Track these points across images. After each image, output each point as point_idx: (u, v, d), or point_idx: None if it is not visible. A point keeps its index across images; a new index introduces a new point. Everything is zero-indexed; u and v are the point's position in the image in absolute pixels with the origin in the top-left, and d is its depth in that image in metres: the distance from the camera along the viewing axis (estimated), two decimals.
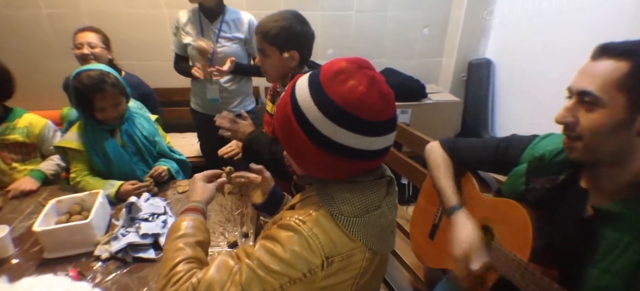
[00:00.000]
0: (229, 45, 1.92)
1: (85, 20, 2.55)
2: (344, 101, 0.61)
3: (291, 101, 0.67)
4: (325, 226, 0.66)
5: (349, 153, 0.64)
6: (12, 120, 1.54)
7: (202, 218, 0.83)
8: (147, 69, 2.70)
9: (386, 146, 0.68)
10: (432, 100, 2.69)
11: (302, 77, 0.69)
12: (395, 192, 0.78)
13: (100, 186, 1.42)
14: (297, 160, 0.72)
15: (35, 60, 2.68)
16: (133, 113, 1.56)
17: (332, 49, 2.89)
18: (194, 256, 0.72)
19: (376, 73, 0.65)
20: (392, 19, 2.86)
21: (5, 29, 2.57)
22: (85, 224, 1.13)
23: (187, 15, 1.92)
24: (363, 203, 0.68)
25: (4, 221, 1.27)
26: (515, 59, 2.57)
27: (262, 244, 0.67)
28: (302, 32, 1.26)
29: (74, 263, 1.09)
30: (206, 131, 2.18)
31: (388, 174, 0.77)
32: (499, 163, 1.03)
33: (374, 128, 0.64)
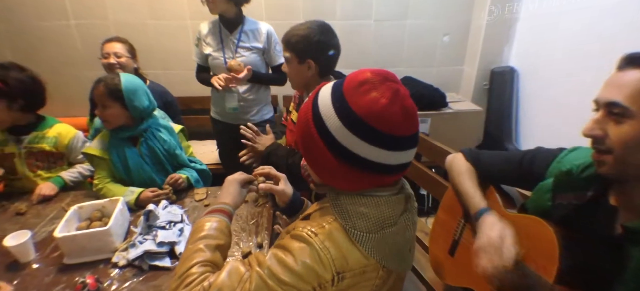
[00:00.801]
0: (247, 54, 1.94)
1: (112, 30, 2.66)
2: (365, 112, 0.60)
3: (312, 108, 0.66)
4: (337, 240, 0.64)
5: (367, 166, 0.63)
6: (43, 129, 1.59)
7: (227, 221, 0.82)
8: (170, 78, 2.78)
9: (406, 162, 0.66)
10: (453, 109, 2.63)
11: (326, 85, 0.68)
12: (414, 209, 0.75)
13: (121, 193, 1.46)
14: (314, 168, 0.71)
15: (64, 69, 2.80)
16: (157, 126, 1.58)
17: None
18: (211, 260, 0.72)
19: (401, 86, 0.63)
20: (411, 27, 2.82)
21: (36, 39, 2.70)
22: (104, 231, 1.15)
23: (208, 26, 1.97)
24: (378, 218, 0.66)
25: (27, 225, 1.32)
26: (540, 66, 2.47)
27: (273, 253, 0.66)
28: (320, 42, 1.26)
29: (92, 270, 1.11)
30: (225, 139, 2.22)
31: (407, 190, 0.74)
32: (523, 177, 0.98)
33: (394, 142, 0.62)
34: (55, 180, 1.59)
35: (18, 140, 1.54)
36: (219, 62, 1.95)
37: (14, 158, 1.53)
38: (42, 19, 2.65)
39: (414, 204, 0.75)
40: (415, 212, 0.75)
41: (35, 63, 2.73)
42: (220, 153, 2.37)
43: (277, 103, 2.94)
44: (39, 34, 2.69)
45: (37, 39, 2.70)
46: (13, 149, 1.53)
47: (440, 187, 1.67)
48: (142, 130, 1.53)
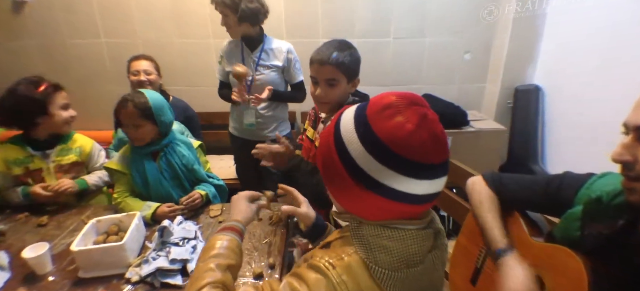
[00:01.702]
0: (266, 73, 1.97)
1: (140, 48, 2.77)
2: (389, 138, 0.56)
3: (335, 131, 0.63)
4: (356, 275, 0.60)
5: (391, 194, 0.58)
6: (66, 142, 1.66)
7: (239, 239, 0.83)
8: (193, 94, 2.86)
9: (434, 192, 0.61)
10: (475, 128, 2.55)
11: (349, 108, 0.65)
12: (444, 246, 0.69)
13: (139, 207, 1.48)
14: (336, 195, 0.67)
15: (92, 84, 2.93)
16: (176, 140, 1.61)
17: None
18: (222, 281, 0.71)
19: (429, 111, 0.59)
20: (431, 44, 2.79)
21: (70, 56, 2.86)
22: (119, 246, 1.16)
23: (230, 44, 2.04)
24: (403, 254, 0.61)
25: (47, 237, 1.36)
26: (566, 84, 2.38)
27: (288, 282, 0.63)
28: (360, 58, 1.31)
29: (105, 285, 1.12)
30: (242, 154, 2.23)
31: (436, 224, 0.68)
32: (550, 204, 0.92)
33: (421, 170, 0.57)
34: (78, 182, 1.64)
35: (45, 156, 1.59)
36: None
37: (42, 173, 1.58)
38: (75, 37, 2.80)
39: (444, 241, 0.69)
40: (445, 250, 0.70)
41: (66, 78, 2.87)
42: (237, 168, 2.39)
43: (295, 120, 2.95)
44: (71, 51, 2.84)
45: (70, 56, 2.86)
46: (41, 164, 1.58)
47: (460, 208, 1.60)
48: (164, 145, 1.56)
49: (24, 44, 2.82)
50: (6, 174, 1.55)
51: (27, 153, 1.56)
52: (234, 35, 1.93)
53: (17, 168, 1.55)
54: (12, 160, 1.54)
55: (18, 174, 1.55)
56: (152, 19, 2.73)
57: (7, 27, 2.77)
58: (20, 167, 1.55)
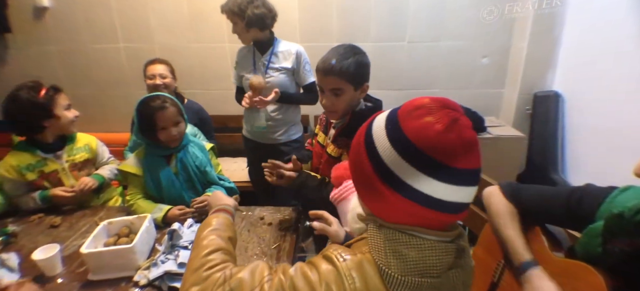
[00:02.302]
0: (276, 75, 1.98)
1: (157, 53, 2.82)
2: (416, 136, 0.56)
3: (366, 130, 0.64)
4: (366, 274, 0.59)
5: (413, 195, 0.57)
6: (73, 142, 1.69)
7: (230, 218, 0.88)
8: (208, 97, 2.89)
9: (461, 201, 0.58)
10: (492, 135, 2.47)
11: (384, 111, 0.66)
12: (469, 268, 0.65)
13: (150, 209, 1.49)
14: (361, 194, 0.67)
15: (111, 88, 3.00)
16: (189, 141, 1.64)
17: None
18: (227, 249, 0.75)
19: (463, 117, 0.58)
20: (447, 48, 2.74)
21: (90, 60, 2.94)
22: (128, 248, 1.16)
23: (244, 49, 2.06)
24: (419, 263, 0.58)
25: (59, 238, 1.38)
26: (587, 92, 2.28)
27: (300, 266, 0.64)
28: (368, 63, 1.27)
29: (114, 287, 1.12)
30: (255, 157, 2.24)
31: (462, 243, 0.64)
32: (571, 218, 0.87)
33: (445, 172, 0.55)
34: (96, 177, 1.68)
35: (57, 157, 1.63)
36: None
37: (58, 174, 1.62)
38: (95, 42, 2.88)
39: (469, 262, 0.66)
40: (470, 272, 0.66)
41: (86, 82, 2.98)
42: (249, 171, 2.39)
43: (309, 123, 2.94)
44: (91, 55, 2.92)
45: (90, 61, 2.94)
46: (56, 166, 1.61)
47: (477, 218, 1.55)
48: (180, 148, 1.58)
49: (45, 50, 2.91)
50: (19, 181, 1.55)
51: (38, 157, 1.58)
52: (244, 41, 1.96)
53: (31, 173, 1.56)
54: (25, 166, 1.55)
55: (33, 179, 1.57)
56: (169, 24, 2.78)
57: (28, 33, 2.87)
58: (33, 172, 1.56)
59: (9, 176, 1.53)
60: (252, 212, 1.57)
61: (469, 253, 0.66)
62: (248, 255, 1.28)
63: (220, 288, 0.63)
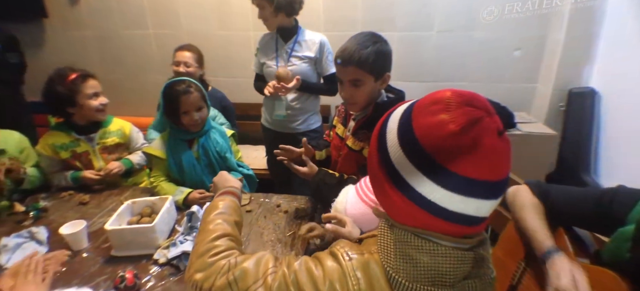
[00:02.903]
0: (298, 64, 1.97)
1: (185, 40, 2.85)
2: (422, 134, 0.50)
3: (382, 123, 0.60)
4: (372, 275, 0.56)
5: (417, 199, 0.51)
6: (107, 126, 1.77)
7: (237, 201, 0.87)
8: (231, 85, 2.93)
9: (473, 214, 0.51)
10: (522, 131, 2.36)
11: (410, 101, 0.59)
12: (488, 279, 0.59)
13: (172, 191, 1.54)
14: (374, 189, 0.63)
15: (141, 73, 3.11)
16: (211, 127, 1.68)
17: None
18: (233, 234, 0.74)
19: (489, 117, 0.49)
20: (478, 39, 2.62)
21: (121, 46, 3.05)
22: (149, 227, 1.21)
23: (266, 36, 2.06)
24: (430, 270, 0.53)
25: (87, 215, 1.45)
26: (626, 90, 2.11)
27: (305, 261, 0.62)
28: (390, 52, 1.22)
29: (134, 264, 1.17)
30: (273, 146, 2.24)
31: (482, 251, 0.58)
32: (600, 220, 0.82)
33: (453, 181, 0.49)
34: (124, 161, 1.75)
35: (89, 139, 1.71)
36: (271, 70, 2.00)
37: (89, 155, 1.70)
38: (126, 28, 2.98)
39: (489, 272, 0.59)
40: (488, 283, 0.59)
41: (118, 67, 3.09)
42: (268, 159, 2.42)
43: (330, 113, 2.92)
44: (123, 41, 3.03)
45: (121, 46, 3.05)
46: (87, 147, 1.70)
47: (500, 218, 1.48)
48: (203, 132, 1.62)
49: (79, 35, 3.05)
50: (53, 159, 1.66)
51: (72, 137, 1.68)
52: (270, 27, 1.95)
53: (64, 152, 1.66)
54: (59, 145, 1.65)
55: (66, 158, 1.67)
56: (196, 11, 2.83)
57: (64, 18, 3.01)
58: (67, 151, 1.66)
59: (45, 153, 1.65)
60: (269, 199, 1.58)
61: (489, 263, 0.59)
62: (264, 241, 1.30)
63: (224, 276, 0.62)
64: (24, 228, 1.33)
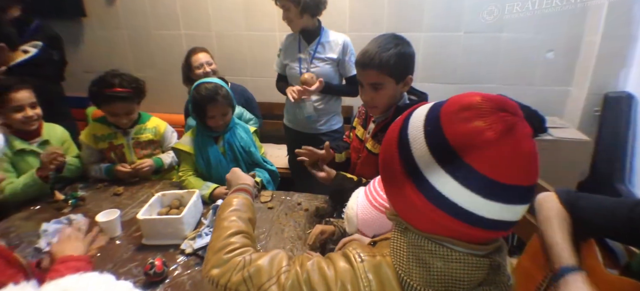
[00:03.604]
0: (321, 65, 1.98)
1: (213, 40, 2.98)
2: (460, 143, 0.49)
3: (401, 127, 0.58)
4: (384, 277, 0.56)
5: (450, 209, 0.50)
6: (144, 122, 1.87)
7: (250, 198, 0.88)
8: (257, 84, 3.00)
9: (507, 220, 0.51)
10: (553, 137, 2.27)
11: (425, 105, 0.59)
12: (504, 286, 0.57)
13: (199, 186, 1.61)
14: (389, 193, 0.62)
15: (171, 73, 3.20)
16: (235, 124, 1.74)
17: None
18: (247, 232, 0.75)
19: (522, 123, 0.49)
20: (509, 40, 2.54)
21: (153, 45, 3.17)
22: (177, 218, 1.27)
23: (289, 37, 2.08)
24: (444, 275, 0.53)
25: (120, 205, 1.53)
26: None
27: (317, 261, 0.63)
28: (412, 53, 1.20)
29: (163, 252, 1.23)
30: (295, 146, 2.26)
31: (498, 259, 0.56)
32: (632, 232, 0.78)
33: (494, 189, 0.48)
34: (156, 160, 1.84)
35: (126, 133, 1.81)
36: (294, 72, 2.03)
37: (123, 148, 1.81)
38: (159, 29, 3.10)
39: (505, 279, 0.58)
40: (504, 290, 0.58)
41: (150, 66, 3.22)
42: (289, 159, 2.45)
43: (352, 114, 2.92)
44: (155, 41, 3.16)
45: (154, 46, 3.18)
46: (122, 140, 1.80)
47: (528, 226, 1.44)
48: (228, 129, 1.69)
49: (115, 34, 3.20)
50: (93, 149, 1.79)
51: (111, 130, 1.80)
52: (294, 28, 1.96)
53: (102, 142, 1.78)
54: (99, 136, 1.78)
55: (103, 148, 1.79)
56: (224, 12, 2.91)
57: (101, 17, 3.17)
58: (104, 142, 1.79)
59: (86, 142, 1.78)
60: (290, 197, 1.62)
61: (505, 270, 0.58)
62: (284, 237, 1.33)
63: (239, 272, 0.64)
64: (62, 215, 1.43)
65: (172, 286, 1.09)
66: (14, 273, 0.83)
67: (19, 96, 1.55)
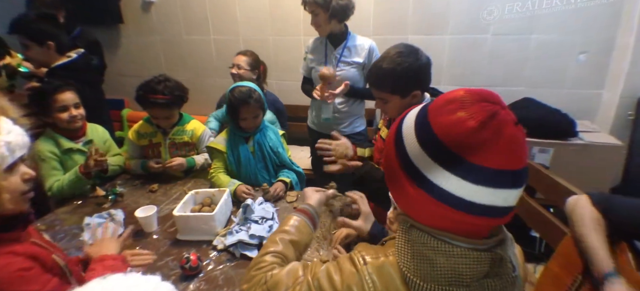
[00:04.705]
0: (347, 69, 2.01)
1: (241, 45, 3.08)
2: (443, 132, 0.53)
3: (397, 126, 0.63)
4: (388, 278, 0.59)
5: (443, 197, 0.53)
6: (183, 124, 1.97)
7: (306, 220, 0.91)
8: (281, 87, 3.08)
9: (500, 205, 0.53)
10: (584, 141, 2.21)
11: (418, 106, 0.63)
12: (508, 277, 0.59)
13: (226, 182, 1.69)
14: (392, 192, 0.66)
15: (202, 76, 3.36)
16: (266, 126, 1.82)
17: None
18: (282, 252, 0.81)
19: (503, 111, 0.52)
20: (538, 42, 2.49)
21: (184, 50, 3.32)
22: (210, 216, 1.33)
23: (315, 41, 2.13)
24: (447, 270, 0.55)
25: (155, 202, 1.63)
26: None
27: (327, 268, 0.67)
28: (420, 66, 1.20)
29: (196, 248, 1.30)
30: None
31: (500, 251, 0.58)
32: None
33: (481, 174, 0.51)
34: (189, 160, 1.93)
35: (165, 133, 1.93)
36: None
37: (159, 147, 1.92)
38: (189, 34, 3.24)
39: (509, 271, 0.59)
40: (509, 282, 0.59)
41: (182, 69, 3.36)
42: (312, 160, 2.50)
43: (374, 117, 2.94)
44: (187, 45, 3.30)
45: (185, 50, 3.32)
46: (160, 139, 1.92)
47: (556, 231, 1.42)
48: (259, 130, 1.77)
49: (150, 39, 3.37)
50: (136, 145, 1.92)
51: (153, 129, 1.92)
52: (322, 33, 2.00)
53: (143, 140, 1.91)
54: (142, 133, 1.91)
55: (143, 145, 1.92)
56: (252, 17, 3.01)
57: (137, 24, 3.34)
58: (146, 139, 1.91)
59: (131, 138, 1.92)
60: None
61: (508, 263, 0.59)
62: None
63: (261, 287, 0.71)
64: (103, 210, 1.53)
65: (205, 280, 1.15)
66: (47, 279, 0.86)
67: (64, 97, 1.68)
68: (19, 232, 0.87)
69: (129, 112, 3.56)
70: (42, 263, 0.87)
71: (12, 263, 0.80)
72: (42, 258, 0.88)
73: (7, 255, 0.81)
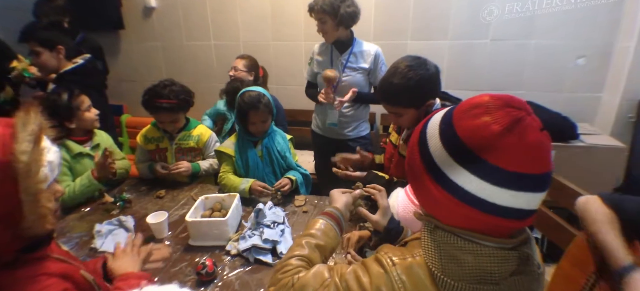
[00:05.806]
0: (353, 75, 2.03)
1: (241, 50, 3.09)
2: (469, 136, 0.54)
3: (422, 128, 0.64)
4: (417, 278, 0.60)
5: (467, 199, 0.55)
6: (189, 130, 1.96)
7: (331, 223, 0.90)
8: (282, 91, 3.08)
9: (524, 208, 0.54)
10: (585, 143, 2.24)
11: (446, 108, 0.64)
12: (535, 274, 0.60)
13: (238, 182, 1.69)
14: (416, 193, 0.67)
15: (202, 81, 3.35)
16: (274, 131, 1.83)
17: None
18: (308, 256, 0.80)
19: (529, 116, 0.53)
20: (537, 47, 2.53)
21: (185, 55, 3.32)
22: (222, 221, 1.33)
23: (321, 47, 2.14)
24: (475, 270, 0.56)
25: (164, 207, 1.61)
26: None
27: (354, 269, 0.67)
28: (430, 76, 1.22)
29: (210, 253, 1.29)
30: (322, 151, 2.33)
31: (526, 249, 0.59)
32: None
33: (505, 178, 0.52)
34: (194, 165, 1.92)
35: (171, 138, 1.92)
36: None
37: (166, 152, 1.92)
38: (190, 39, 3.24)
39: (535, 269, 0.60)
40: (536, 279, 0.61)
41: (182, 75, 3.35)
42: (316, 164, 2.50)
43: (375, 121, 2.96)
44: (187, 51, 3.29)
45: (185, 55, 3.32)
46: (167, 145, 1.92)
47: (562, 231, 1.44)
48: (267, 134, 1.77)
49: (151, 45, 3.36)
50: (144, 149, 1.93)
51: (160, 133, 1.92)
52: (329, 39, 2.00)
53: (150, 144, 1.92)
54: (150, 137, 1.92)
55: (151, 149, 1.92)
56: (253, 22, 3.02)
57: (138, 30, 3.34)
58: (153, 144, 1.92)
59: (139, 142, 1.93)
60: (323, 201, 1.68)
61: (534, 260, 0.60)
62: None
63: (289, 290, 0.71)
64: (112, 217, 1.51)
65: (221, 286, 1.15)
66: None
67: (85, 98, 1.72)
68: (45, 249, 0.81)
69: (127, 117, 3.54)
70: (75, 282, 0.83)
71: (50, 287, 0.75)
72: (73, 276, 0.83)
73: (41, 277, 0.75)
